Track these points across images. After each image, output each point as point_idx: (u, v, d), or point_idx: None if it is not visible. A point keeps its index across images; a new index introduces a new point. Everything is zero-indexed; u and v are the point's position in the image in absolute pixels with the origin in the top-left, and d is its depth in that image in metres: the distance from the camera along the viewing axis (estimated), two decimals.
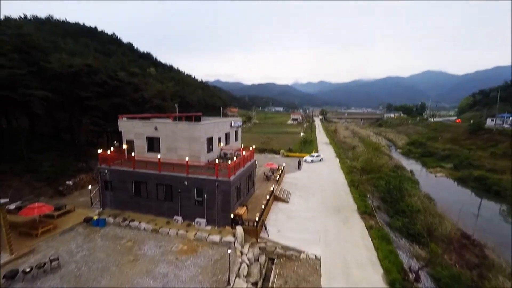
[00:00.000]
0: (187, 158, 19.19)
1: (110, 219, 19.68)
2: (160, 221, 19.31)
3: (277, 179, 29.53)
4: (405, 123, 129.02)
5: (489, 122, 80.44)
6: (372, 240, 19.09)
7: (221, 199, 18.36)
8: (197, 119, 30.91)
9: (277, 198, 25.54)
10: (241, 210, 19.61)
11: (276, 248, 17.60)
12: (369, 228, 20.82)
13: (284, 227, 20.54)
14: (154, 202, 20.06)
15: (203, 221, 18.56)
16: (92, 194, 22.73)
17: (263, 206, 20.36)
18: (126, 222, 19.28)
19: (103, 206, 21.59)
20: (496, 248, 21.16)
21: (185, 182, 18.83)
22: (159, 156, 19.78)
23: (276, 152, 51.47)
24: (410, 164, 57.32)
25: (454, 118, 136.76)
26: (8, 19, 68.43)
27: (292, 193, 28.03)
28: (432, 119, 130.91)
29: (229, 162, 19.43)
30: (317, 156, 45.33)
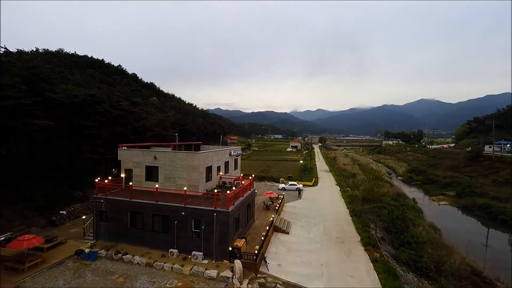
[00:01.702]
0: (185, 188, 18.89)
1: (103, 252, 18.77)
2: (155, 254, 18.39)
3: (277, 208, 28.78)
4: (404, 150, 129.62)
5: (487, 149, 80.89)
6: (378, 275, 18.05)
7: (219, 231, 17.71)
8: (197, 148, 31.07)
9: (277, 229, 24.66)
10: (240, 242, 18.81)
11: (276, 284, 16.54)
12: (374, 261, 19.82)
13: (285, 260, 19.54)
14: (149, 234, 19.31)
15: (200, 254, 17.70)
16: (85, 225, 21.96)
17: (262, 238, 19.56)
18: (119, 255, 18.36)
19: (97, 237, 20.73)
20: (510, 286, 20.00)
21: (183, 213, 18.32)
22: (157, 185, 19.47)
23: (276, 180, 50.90)
24: (411, 192, 56.44)
25: (453, 144, 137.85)
26: (20, 52, 71.94)
27: (293, 224, 27.15)
28: (430, 146, 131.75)
29: (228, 191, 19.08)
30: (291, 184, 43.37)
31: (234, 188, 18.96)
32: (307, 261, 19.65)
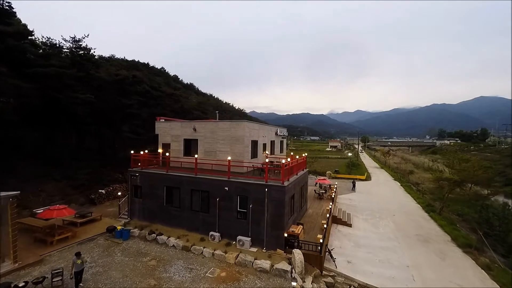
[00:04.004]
0: (228, 158, 15.51)
1: (136, 231, 16.31)
2: (193, 237, 15.30)
3: (332, 196, 24.02)
4: (467, 150, 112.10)
5: None
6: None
7: (271, 212, 13.88)
8: None
9: (336, 220, 20.00)
10: (297, 229, 14.72)
11: (351, 286, 12.11)
12: (487, 268, 14.06)
13: (355, 257, 14.88)
14: (187, 213, 16.33)
15: (246, 240, 14.06)
16: (120, 202, 20.04)
17: (325, 226, 15.16)
18: (153, 235, 15.68)
19: (131, 215, 18.52)
20: None
21: (226, 188, 14.93)
22: (196, 156, 16.45)
23: (321, 174, 45.67)
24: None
25: None
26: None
27: (353, 216, 22.16)
28: (503, 146, 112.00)
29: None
30: None
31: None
32: (386, 260, 14.73)
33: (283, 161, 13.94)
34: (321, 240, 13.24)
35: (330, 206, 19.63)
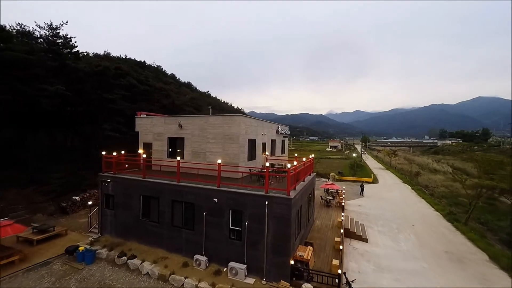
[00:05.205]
0: (219, 161, 12.29)
1: (103, 252, 13.06)
2: (173, 261, 12.08)
3: (342, 204, 20.87)
4: (470, 150, 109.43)
5: None
6: None
7: (273, 231, 10.67)
8: None
9: (349, 234, 16.83)
10: (306, 252, 11.53)
11: None
12: None
13: (380, 286, 11.72)
14: (167, 229, 13.10)
15: (241, 268, 10.85)
16: (91, 214, 16.74)
17: (341, 247, 11.97)
18: (124, 258, 12.45)
19: (102, 230, 15.26)
20: None
21: (215, 200, 11.71)
22: (178, 158, 13.21)
23: (324, 176, 42.55)
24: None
25: None
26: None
27: (367, 227, 19.02)
28: (507, 146, 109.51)
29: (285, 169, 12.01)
30: None
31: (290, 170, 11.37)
32: None
33: (289, 165, 10.75)
34: (339, 271, 10.04)
35: (342, 218, 16.46)
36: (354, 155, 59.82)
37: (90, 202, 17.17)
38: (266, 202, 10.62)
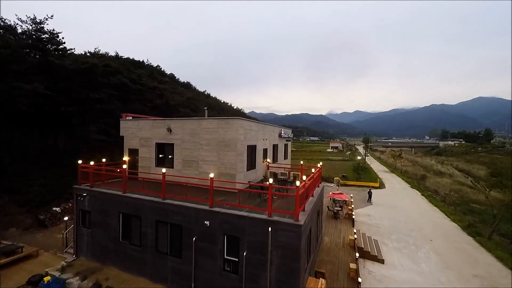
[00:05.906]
0: (211, 175, 10.18)
1: (73, 282, 10.96)
2: None
3: (352, 217, 18.79)
4: (474, 151, 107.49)
5: None
6: None
7: (278, 264, 8.57)
8: None
9: (363, 254, 14.72)
10: (317, 286, 9.43)
11: None
12: None
13: None
14: (151, 255, 11.00)
15: None
16: (66, 232, 14.66)
17: (360, 279, 9.88)
18: None
19: (78, 252, 13.15)
20: None
21: (206, 223, 9.61)
22: (164, 170, 11.10)
23: (327, 180, 40.50)
24: None
25: None
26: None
27: (380, 243, 16.92)
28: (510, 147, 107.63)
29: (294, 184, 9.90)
30: None
31: (297, 182, 8.95)
32: None
33: (298, 183, 8.62)
34: None
35: (354, 236, 14.36)
36: (359, 158, 57.71)
37: (66, 218, 15.05)
38: (270, 229, 8.52)
